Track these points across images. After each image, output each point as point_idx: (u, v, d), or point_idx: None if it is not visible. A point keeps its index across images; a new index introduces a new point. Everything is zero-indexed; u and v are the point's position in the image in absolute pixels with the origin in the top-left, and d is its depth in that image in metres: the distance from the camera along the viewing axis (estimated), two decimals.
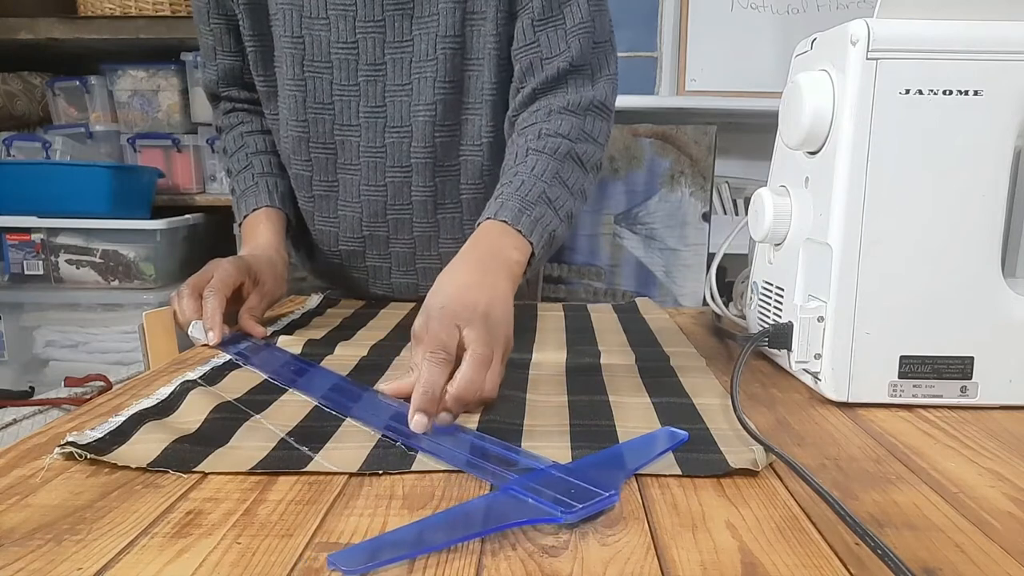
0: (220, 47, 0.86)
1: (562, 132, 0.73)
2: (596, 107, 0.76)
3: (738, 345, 0.70)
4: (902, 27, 0.50)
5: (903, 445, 0.46)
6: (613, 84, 0.78)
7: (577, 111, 0.75)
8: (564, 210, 0.69)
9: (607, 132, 0.78)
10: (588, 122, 0.75)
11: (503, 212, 0.65)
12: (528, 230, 0.65)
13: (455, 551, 0.32)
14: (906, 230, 0.51)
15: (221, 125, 0.92)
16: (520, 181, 0.68)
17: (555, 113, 0.75)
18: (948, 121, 0.50)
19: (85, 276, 1.71)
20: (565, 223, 0.70)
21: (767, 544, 0.33)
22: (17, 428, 0.98)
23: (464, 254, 0.61)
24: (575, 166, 0.72)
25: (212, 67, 0.88)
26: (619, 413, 0.49)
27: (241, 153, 0.88)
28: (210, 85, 0.90)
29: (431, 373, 0.47)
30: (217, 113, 0.93)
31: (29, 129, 1.93)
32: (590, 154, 0.75)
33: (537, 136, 0.73)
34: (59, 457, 0.41)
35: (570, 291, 1.63)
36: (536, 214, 0.66)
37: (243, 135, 0.89)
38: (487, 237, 0.64)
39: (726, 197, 1.97)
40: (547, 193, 0.68)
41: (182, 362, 0.62)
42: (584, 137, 0.74)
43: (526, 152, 0.72)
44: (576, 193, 0.72)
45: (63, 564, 0.30)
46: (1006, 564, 0.32)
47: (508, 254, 0.62)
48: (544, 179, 0.69)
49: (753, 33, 1.85)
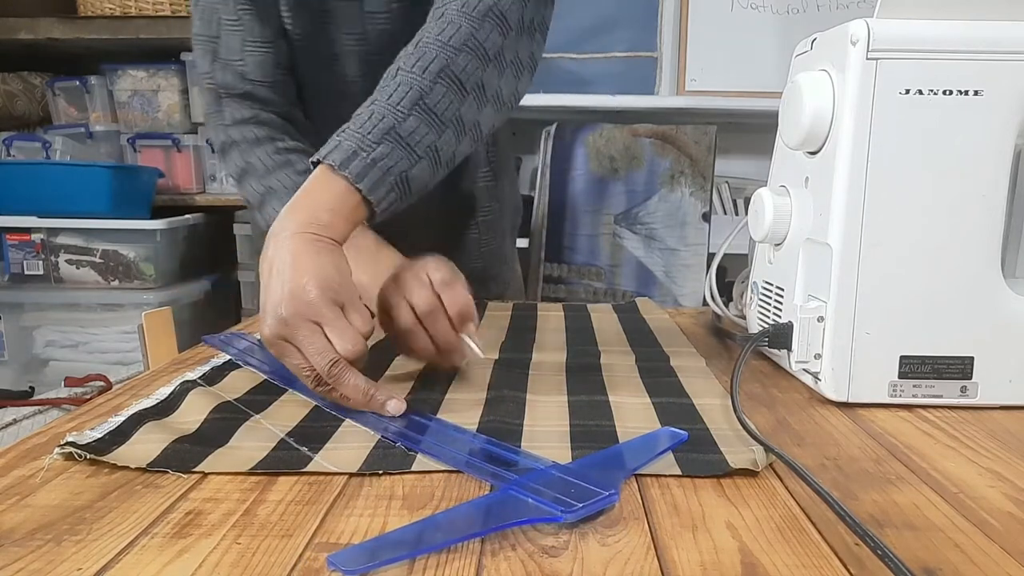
0: (250, 37, 0.75)
1: (443, 39, 0.61)
2: (495, 16, 0.63)
3: (738, 345, 0.70)
4: (902, 27, 0.50)
5: (903, 445, 0.46)
6: (523, 1, 0.65)
7: (472, 15, 0.62)
8: (423, 145, 0.59)
9: (509, 51, 0.64)
10: (483, 31, 0.62)
11: (333, 154, 0.55)
12: (358, 175, 0.55)
13: (455, 551, 0.32)
14: (906, 230, 0.51)
15: (236, 138, 0.77)
16: (371, 112, 0.58)
17: (447, 15, 0.63)
18: (948, 121, 0.50)
19: (85, 276, 1.71)
20: (427, 160, 0.59)
21: (767, 544, 0.33)
22: (17, 428, 0.99)
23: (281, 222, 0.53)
24: (448, 88, 0.60)
25: (236, 63, 0.76)
26: (619, 413, 0.49)
27: (289, 172, 0.75)
28: (230, 82, 0.77)
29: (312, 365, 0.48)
30: (223, 117, 0.79)
31: (29, 129, 1.93)
32: (471, 72, 0.61)
33: (415, 46, 0.62)
34: (59, 457, 0.41)
35: (570, 291, 1.63)
36: (377, 154, 0.56)
37: (281, 150, 0.77)
38: (306, 193, 0.55)
39: (726, 197, 1.97)
40: (397, 128, 0.57)
41: (182, 362, 0.62)
42: (470, 49, 0.62)
43: (396, 72, 0.61)
44: (448, 122, 0.60)
45: (63, 564, 0.30)
46: (1006, 564, 0.32)
47: (317, 215, 0.53)
48: (400, 108, 0.58)
49: (753, 33, 1.85)
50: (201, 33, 0.77)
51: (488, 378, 0.56)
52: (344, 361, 0.48)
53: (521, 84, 0.67)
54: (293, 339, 0.48)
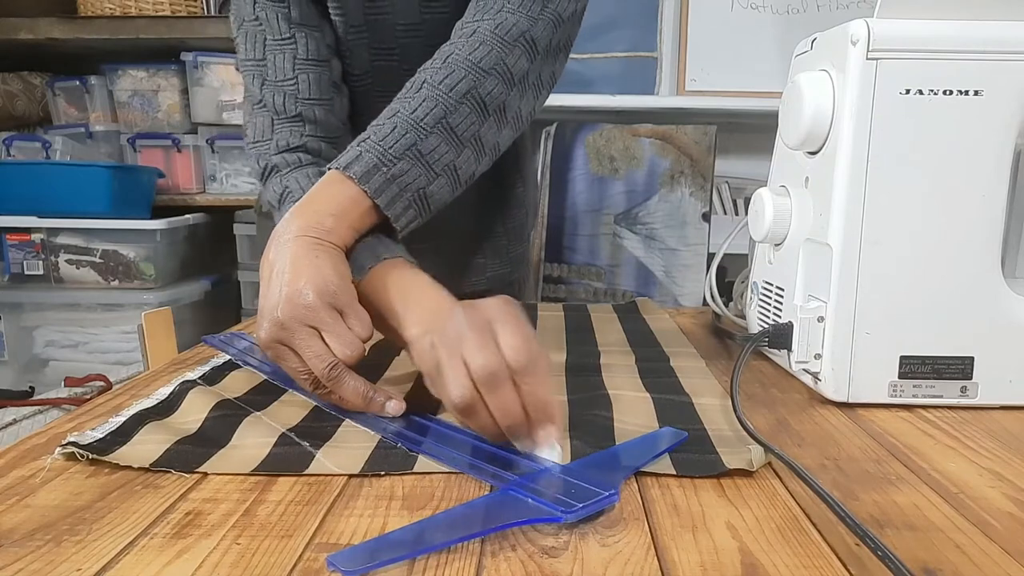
0: (302, 55, 0.71)
1: (473, 60, 0.61)
2: (526, 42, 0.63)
3: (738, 345, 0.70)
4: (902, 27, 0.50)
5: (903, 445, 0.46)
6: (554, 25, 0.65)
7: (504, 39, 0.62)
8: (442, 163, 0.59)
9: (533, 74, 0.65)
10: (513, 57, 0.62)
11: (354, 166, 0.55)
12: (377, 190, 0.55)
13: (455, 551, 0.32)
14: (906, 230, 0.51)
15: (278, 164, 0.69)
16: (393, 125, 0.58)
17: (479, 34, 0.62)
18: (948, 121, 0.50)
19: (85, 276, 1.71)
20: (444, 177, 0.59)
21: (767, 545, 0.33)
22: (17, 428, 0.99)
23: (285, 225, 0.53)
24: (472, 109, 0.61)
25: (288, 84, 0.70)
26: (617, 406, 0.49)
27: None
28: (281, 104, 0.70)
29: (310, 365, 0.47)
30: (272, 145, 0.70)
31: (29, 129, 1.93)
32: (496, 95, 0.62)
33: (443, 61, 0.61)
34: (59, 457, 0.41)
35: (570, 291, 1.63)
36: (397, 170, 0.56)
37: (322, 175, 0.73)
38: (313, 197, 0.55)
39: (726, 197, 1.97)
40: (419, 146, 0.58)
41: (182, 362, 0.62)
42: (499, 73, 0.62)
43: (420, 84, 0.61)
44: (467, 142, 0.60)
45: (63, 565, 0.30)
46: (1006, 564, 0.32)
47: (321, 219, 0.52)
48: (422, 125, 0.58)
49: (753, 33, 1.85)
50: (248, 59, 0.72)
51: None
52: (342, 364, 0.48)
53: (539, 103, 0.68)
54: (290, 343, 0.48)
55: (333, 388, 0.48)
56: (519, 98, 0.64)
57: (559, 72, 0.68)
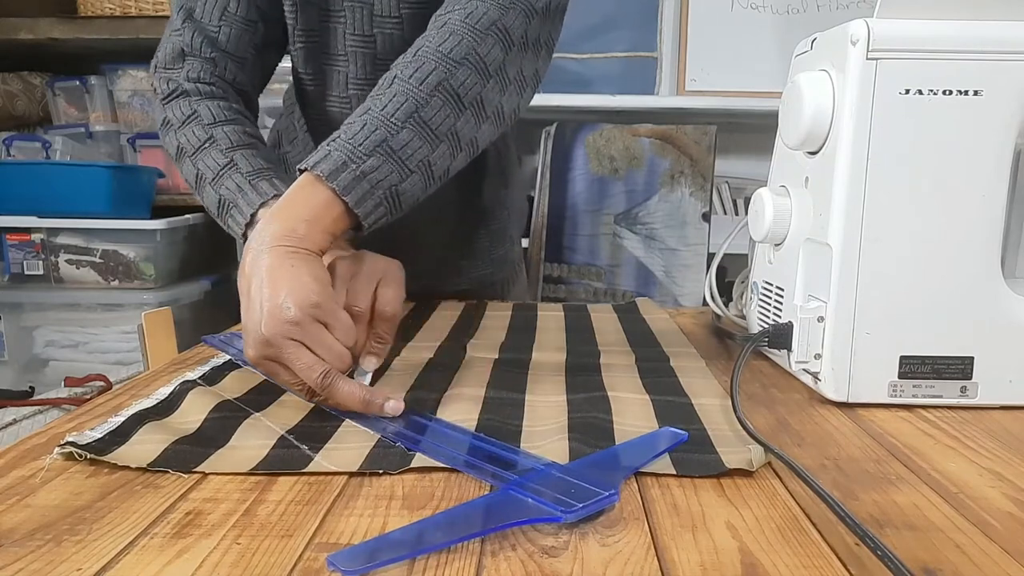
0: (232, 8, 0.72)
1: (443, 51, 0.60)
2: (498, 31, 0.61)
3: (738, 345, 0.70)
4: (902, 27, 0.50)
5: (903, 445, 0.46)
6: (526, 16, 0.63)
7: (475, 28, 0.61)
8: (415, 159, 0.57)
9: (511, 66, 0.63)
10: (485, 46, 0.61)
11: (322, 164, 0.54)
12: (345, 188, 0.54)
13: (455, 551, 0.32)
14: (906, 230, 0.51)
15: (188, 89, 0.71)
16: (363, 123, 0.57)
17: (449, 25, 0.61)
18: (948, 121, 0.50)
19: (85, 276, 1.70)
20: (418, 174, 0.58)
21: (767, 545, 0.33)
22: (17, 428, 0.98)
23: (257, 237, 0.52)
24: (445, 102, 0.59)
25: (210, 28, 0.72)
26: (617, 407, 0.49)
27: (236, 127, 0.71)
28: (199, 44, 0.72)
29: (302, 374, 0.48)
30: (181, 73, 0.72)
31: (29, 129, 1.93)
32: (470, 87, 0.60)
33: (413, 55, 0.60)
34: (59, 457, 0.41)
35: (570, 291, 1.63)
36: (367, 167, 0.55)
37: (235, 110, 0.73)
38: (286, 203, 0.54)
39: (726, 197, 1.97)
40: (390, 141, 0.56)
41: (181, 362, 0.62)
42: (471, 63, 0.60)
43: (392, 80, 0.59)
44: (443, 136, 0.59)
45: (63, 565, 0.30)
46: (1006, 564, 0.32)
47: (294, 227, 0.52)
48: (394, 120, 0.57)
49: (753, 33, 1.85)
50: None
51: (487, 378, 0.56)
52: (334, 371, 0.48)
53: (523, 101, 0.66)
54: (279, 358, 0.48)
55: (328, 396, 0.48)
56: (499, 92, 0.62)
57: (543, 71, 0.68)
